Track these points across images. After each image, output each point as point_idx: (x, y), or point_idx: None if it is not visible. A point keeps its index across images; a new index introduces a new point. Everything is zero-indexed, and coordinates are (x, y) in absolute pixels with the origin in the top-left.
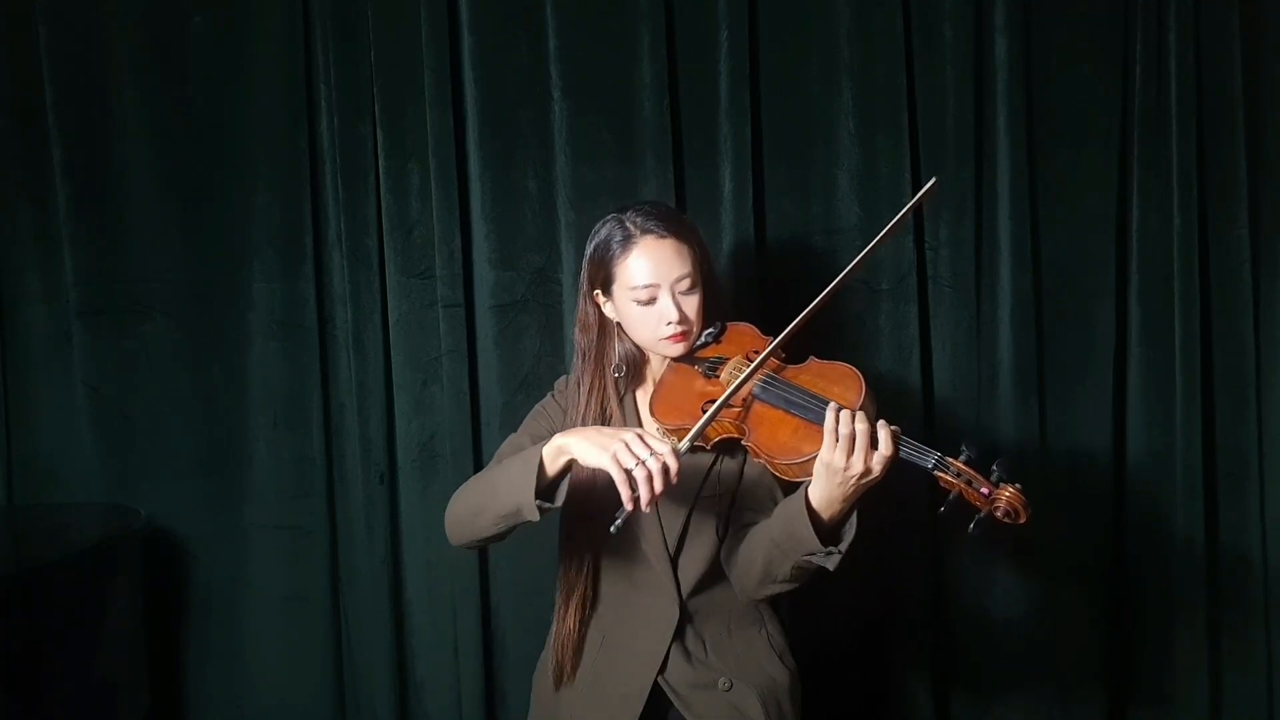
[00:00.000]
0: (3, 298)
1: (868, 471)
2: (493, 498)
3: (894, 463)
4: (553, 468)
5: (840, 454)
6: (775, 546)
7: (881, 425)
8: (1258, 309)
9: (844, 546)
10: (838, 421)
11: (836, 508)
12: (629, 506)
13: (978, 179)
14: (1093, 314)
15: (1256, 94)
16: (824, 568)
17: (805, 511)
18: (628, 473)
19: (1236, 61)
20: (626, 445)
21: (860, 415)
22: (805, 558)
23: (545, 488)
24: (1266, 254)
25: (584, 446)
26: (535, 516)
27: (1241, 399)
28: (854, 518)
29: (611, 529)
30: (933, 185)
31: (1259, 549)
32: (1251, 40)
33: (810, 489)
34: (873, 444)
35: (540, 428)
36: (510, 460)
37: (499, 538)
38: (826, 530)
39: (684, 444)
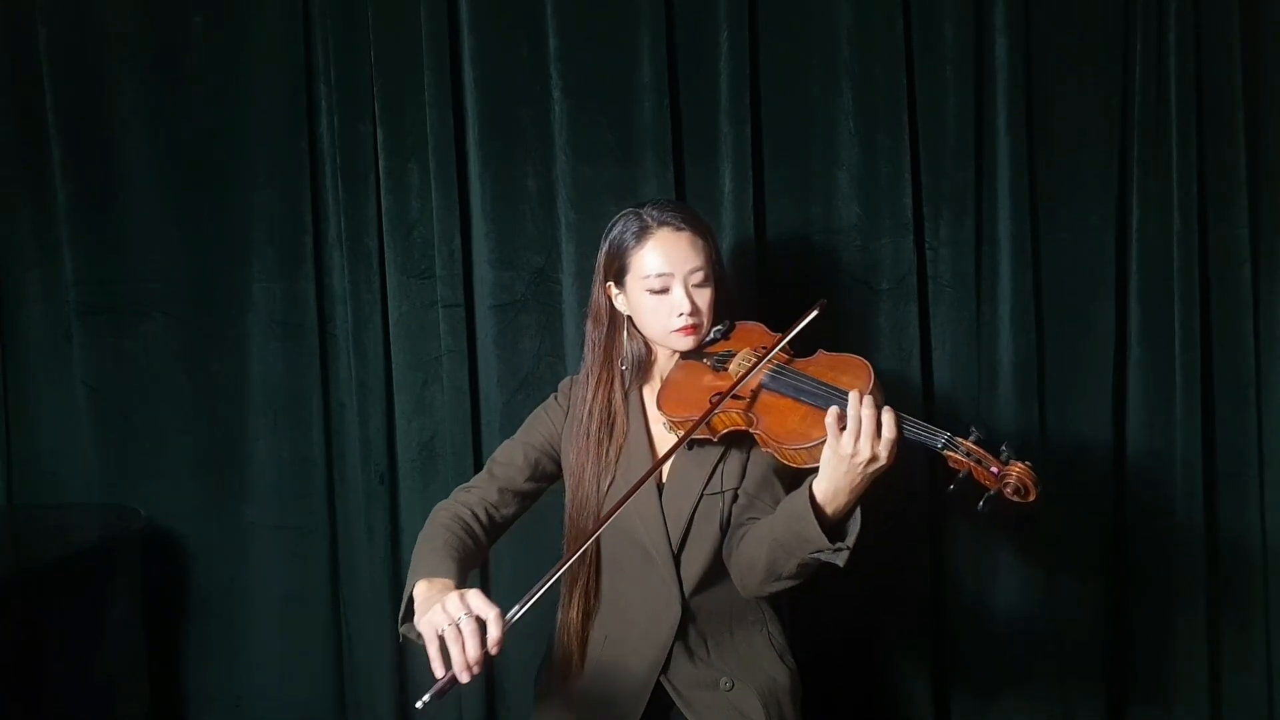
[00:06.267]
0: (3, 298)
1: (875, 458)
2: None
3: (900, 446)
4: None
5: (848, 438)
6: (779, 545)
7: (886, 410)
8: (1258, 309)
9: (851, 542)
10: (859, 407)
11: (842, 500)
12: (438, 673)
13: (978, 179)
14: (1093, 314)
15: (1256, 94)
16: (831, 564)
17: (810, 510)
18: (441, 638)
19: (1236, 61)
20: (442, 606)
21: (868, 400)
22: (812, 555)
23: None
24: (1266, 254)
25: (420, 605)
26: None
27: (1241, 399)
28: (858, 512)
29: (418, 704)
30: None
31: (1259, 548)
32: (1251, 40)
33: (815, 483)
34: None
35: (538, 435)
36: (417, 556)
37: None
38: (831, 526)
39: (513, 612)
